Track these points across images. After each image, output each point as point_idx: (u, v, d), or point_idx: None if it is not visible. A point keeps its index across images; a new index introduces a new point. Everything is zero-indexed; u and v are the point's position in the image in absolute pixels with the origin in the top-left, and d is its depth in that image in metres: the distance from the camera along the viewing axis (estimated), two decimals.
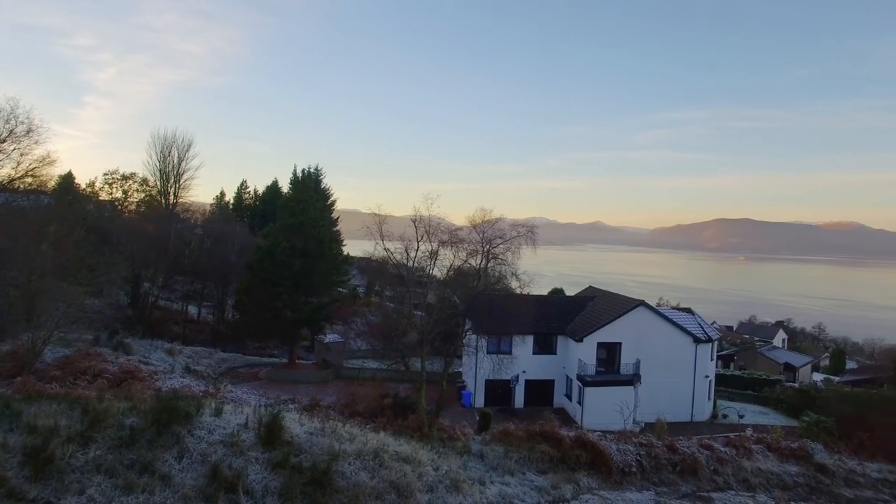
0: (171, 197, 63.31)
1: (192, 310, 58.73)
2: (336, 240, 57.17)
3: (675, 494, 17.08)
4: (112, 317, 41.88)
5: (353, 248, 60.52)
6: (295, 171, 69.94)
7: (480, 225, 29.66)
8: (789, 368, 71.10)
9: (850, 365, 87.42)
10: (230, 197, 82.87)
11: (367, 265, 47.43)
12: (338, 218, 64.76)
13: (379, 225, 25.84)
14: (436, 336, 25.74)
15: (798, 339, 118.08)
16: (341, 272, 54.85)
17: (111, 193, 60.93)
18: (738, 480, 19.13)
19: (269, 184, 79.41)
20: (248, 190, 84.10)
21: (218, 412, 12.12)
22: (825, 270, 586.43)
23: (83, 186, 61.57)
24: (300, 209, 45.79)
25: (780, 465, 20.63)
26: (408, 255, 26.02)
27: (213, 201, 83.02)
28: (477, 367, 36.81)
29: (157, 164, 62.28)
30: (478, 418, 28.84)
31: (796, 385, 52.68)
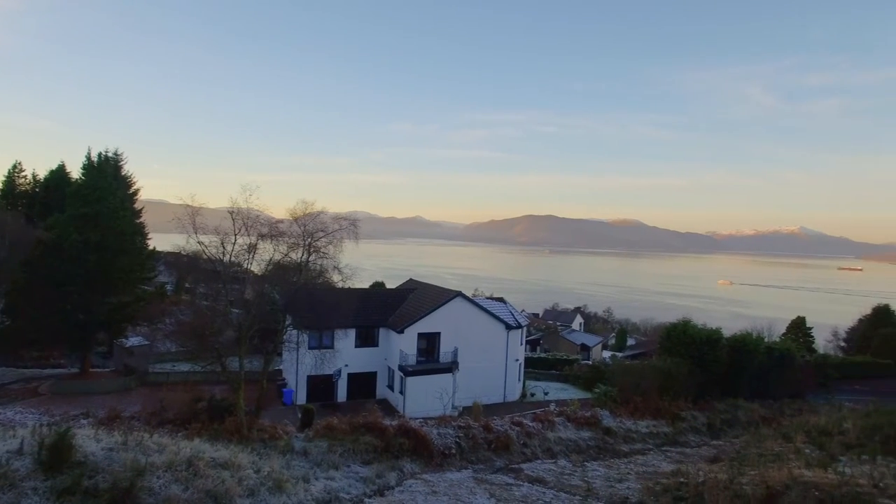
0: None
1: None
2: (140, 232, 51.60)
3: (491, 469, 18.49)
4: None
5: (161, 241, 55.09)
6: (89, 154, 61.30)
7: (302, 218, 28.83)
8: (585, 348, 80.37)
9: (631, 342, 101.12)
10: None
11: (178, 260, 43.46)
12: (142, 209, 58.39)
13: (192, 216, 23.88)
14: (254, 333, 24.63)
15: (592, 322, 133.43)
16: (146, 268, 49.69)
17: None
18: (544, 450, 21.34)
19: (53, 168, 68.49)
20: (23, 174, 71.51)
21: None
22: (613, 261, 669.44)
23: None
24: (96, 198, 40.40)
25: (577, 433, 23.45)
26: (224, 248, 24.44)
27: None
28: (298, 364, 35.94)
29: None
30: (300, 415, 28.17)
31: (590, 362, 59.57)
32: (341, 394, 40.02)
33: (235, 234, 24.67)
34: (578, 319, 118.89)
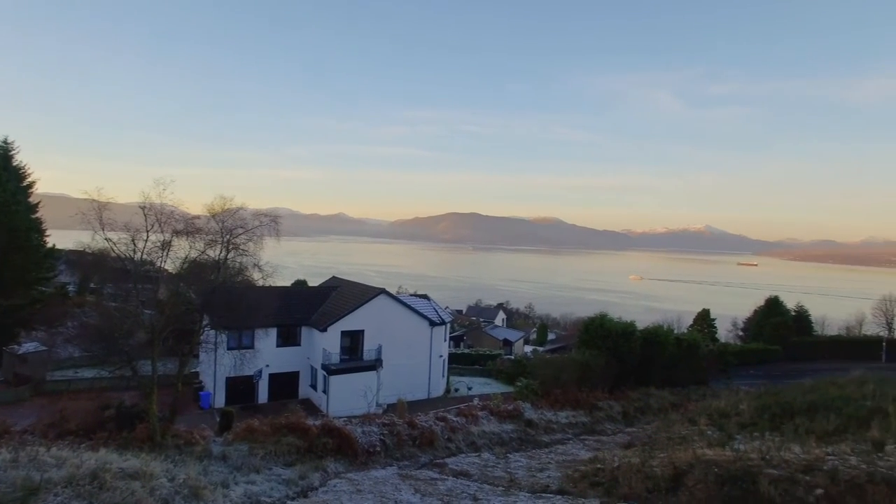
0: None
1: None
2: (36, 229, 47.71)
3: (416, 465, 18.56)
4: None
5: (63, 239, 51.22)
6: None
7: (220, 214, 27.71)
8: (507, 343, 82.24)
9: (551, 336, 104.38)
10: None
11: (82, 259, 40.56)
12: (38, 203, 53.94)
13: (98, 212, 22.32)
14: (169, 335, 23.43)
15: (514, 317, 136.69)
16: (44, 267, 46.04)
17: None
18: (468, 444, 21.66)
19: None
20: None
21: None
22: (534, 258, 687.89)
23: None
24: None
25: (500, 426, 23.96)
26: (135, 246, 23.05)
27: None
28: (216, 365, 34.59)
29: None
30: (218, 419, 27.12)
31: (512, 357, 60.93)
32: (262, 395, 38.90)
33: (148, 231, 23.34)
34: (501, 315, 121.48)
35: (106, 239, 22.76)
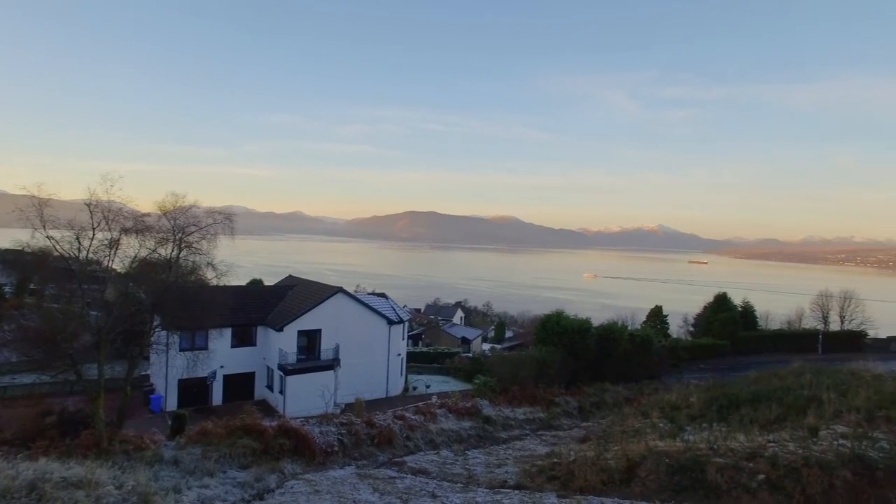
0: None
1: None
2: None
3: (374, 464, 18.46)
4: None
5: None
6: None
7: (172, 211, 26.92)
8: (465, 341, 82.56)
9: (509, 334, 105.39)
10: None
11: (20, 258, 38.70)
12: None
13: (39, 208, 21.33)
14: (117, 336, 22.59)
15: (472, 316, 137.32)
16: None
17: None
18: (426, 442, 21.66)
19: None
20: None
21: None
22: (492, 257, 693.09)
23: None
24: None
25: (458, 423, 24.05)
26: (80, 244, 22.11)
27: None
28: (168, 367, 33.58)
29: None
30: (170, 422, 26.32)
31: (470, 355, 61.22)
32: (217, 397, 37.96)
33: (94, 229, 22.45)
34: (459, 314, 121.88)
35: (47, 237, 21.78)
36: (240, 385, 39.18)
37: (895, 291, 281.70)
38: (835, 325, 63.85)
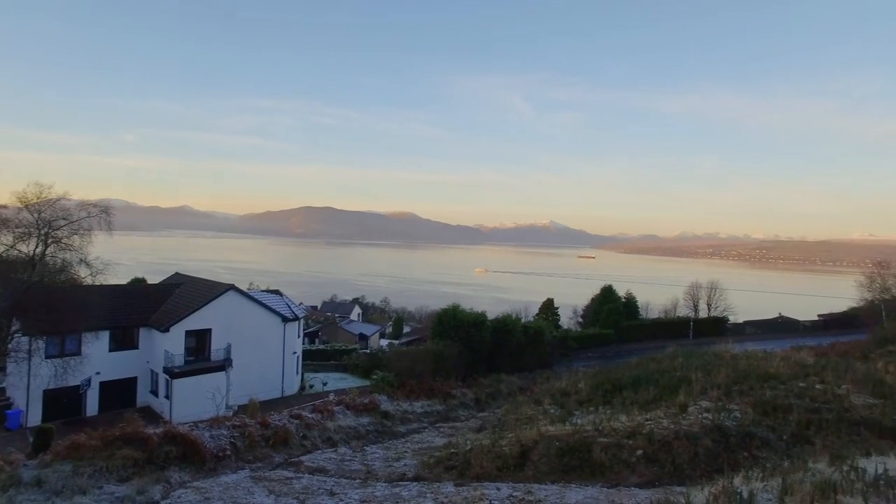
0: None
1: None
2: None
3: (270, 466, 17.92)
4: None
5: None
6: None
7: (36, 204, 24.52)
8: (363, 338, 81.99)
9: (407, 329, 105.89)
10: None
11: None
12: None
13: None
14: None
15: (370, 312, 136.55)
16: None
17: None
18: (324, 440, 21.35)
19: None
20: None
21: None
22: (390, 253, 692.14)
23: None
24: None
25: (356, 419, 23.92)
26: None
27: None
28: (30, 377, 30.43)
29: None
30: (32, 439, 23.89)
31: (368, 351, 60.88)
32: (92, 406, 35.00)
33: None
34: (357, 310, 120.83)
35: None
36: (119, 392, 36.39)
37: (751, 282, 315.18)
38: (703, 313, 70.24)
